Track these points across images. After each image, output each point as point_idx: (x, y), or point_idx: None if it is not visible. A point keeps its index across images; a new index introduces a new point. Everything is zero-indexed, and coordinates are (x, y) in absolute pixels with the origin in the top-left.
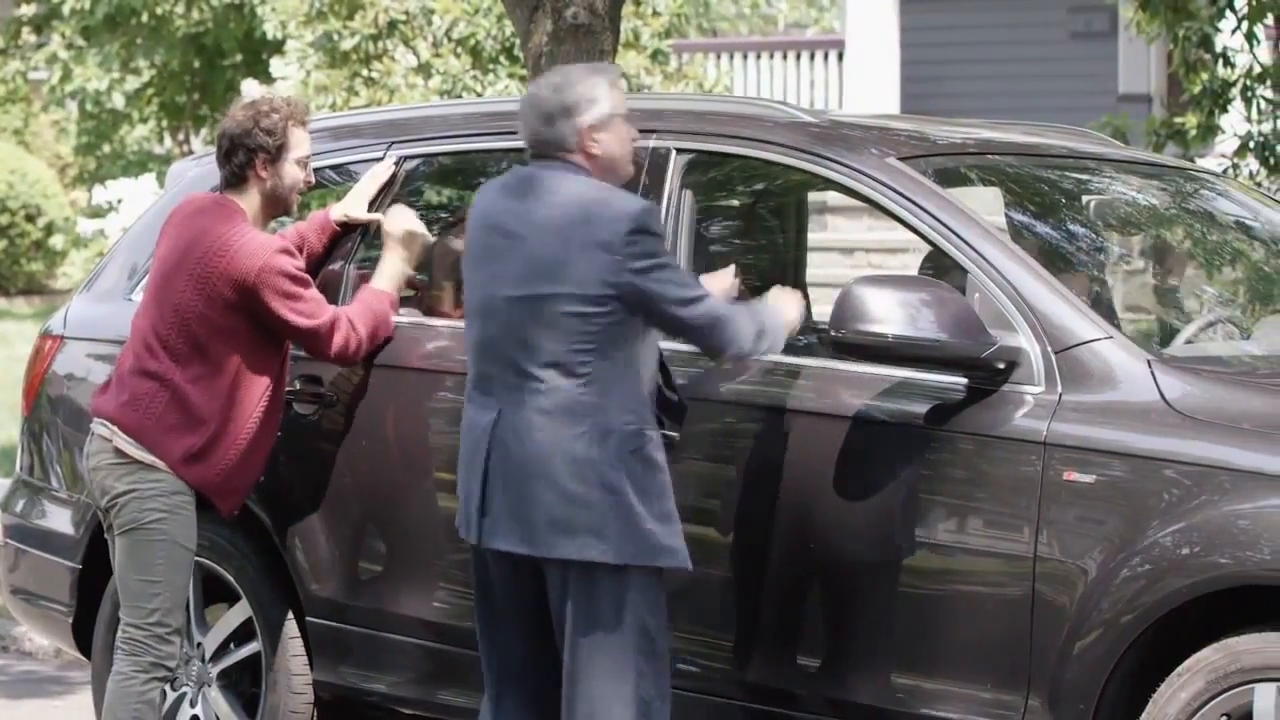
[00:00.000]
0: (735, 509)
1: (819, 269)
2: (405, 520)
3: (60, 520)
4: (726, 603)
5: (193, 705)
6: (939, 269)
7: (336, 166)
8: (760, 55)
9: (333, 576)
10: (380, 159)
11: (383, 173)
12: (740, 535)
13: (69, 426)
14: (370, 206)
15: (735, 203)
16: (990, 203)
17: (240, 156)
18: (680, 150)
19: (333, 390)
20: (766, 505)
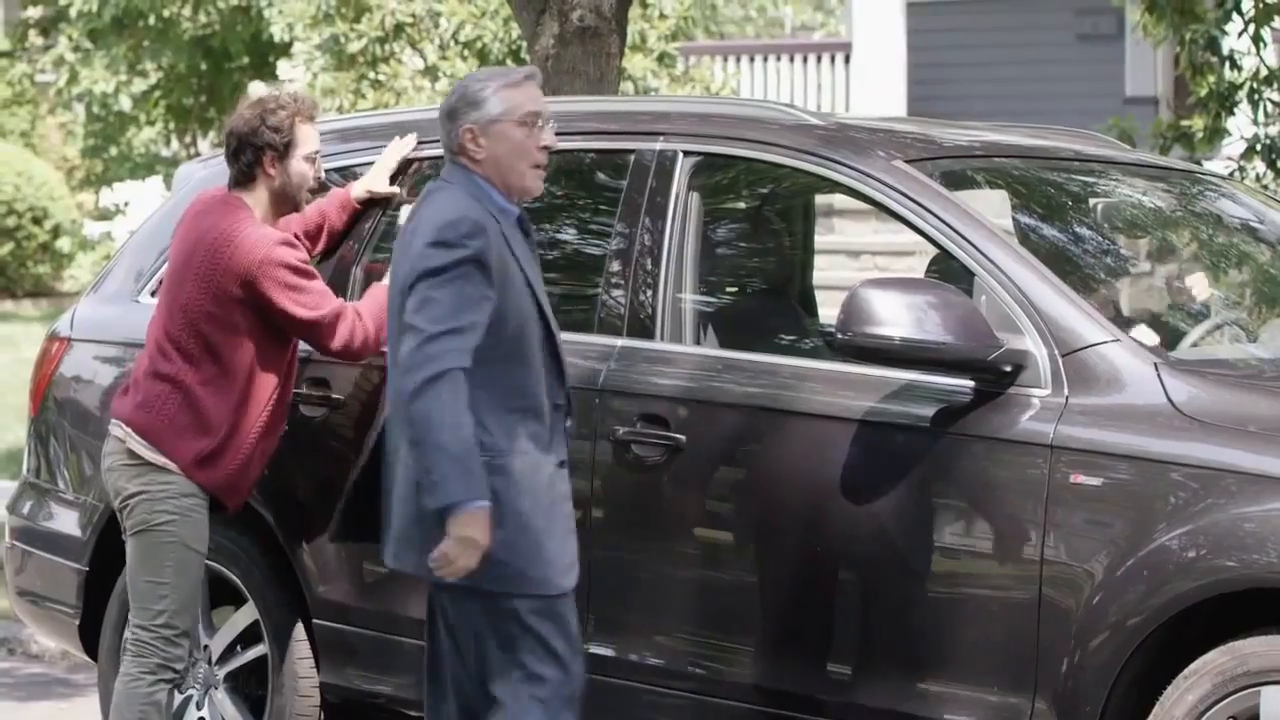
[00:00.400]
0: (741, 512)
1: (825, 272)
2: None
3: (67, 522)
4: (733, 606)
5: (199, 708)
6: (945, 272)
7: (344, 169)
8: (767, 58)
9: (339, 579)
10: None
11: (404, 146)
12: (746, 539)
13: (76, 429)
14: (392, 181)
15: (742, 205)
16: (997, 205)
17: (248, 155)
18: (687, 153)
19: (340, 393)
20: (772, 508)
